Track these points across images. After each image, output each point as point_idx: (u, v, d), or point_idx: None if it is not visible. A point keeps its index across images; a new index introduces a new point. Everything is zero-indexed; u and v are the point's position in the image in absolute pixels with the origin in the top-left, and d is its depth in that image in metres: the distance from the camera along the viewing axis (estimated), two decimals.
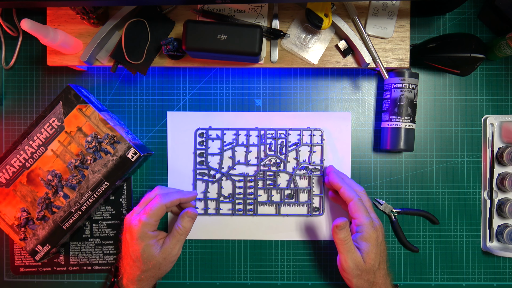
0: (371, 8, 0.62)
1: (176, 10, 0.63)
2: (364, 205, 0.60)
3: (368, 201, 0.63)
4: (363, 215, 0.59)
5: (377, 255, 0.58)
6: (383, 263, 0.60)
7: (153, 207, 0.60)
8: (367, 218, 0.59)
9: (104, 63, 0.63)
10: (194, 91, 0.70)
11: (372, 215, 0.61)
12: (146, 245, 0.59)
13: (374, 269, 0.58)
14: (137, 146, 0.65)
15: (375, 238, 0.58)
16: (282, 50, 0.63)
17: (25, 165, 0.64)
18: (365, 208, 0.60)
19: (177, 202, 0.63)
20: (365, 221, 0.59)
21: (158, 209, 0.60)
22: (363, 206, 0.60)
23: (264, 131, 0.69)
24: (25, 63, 0.71)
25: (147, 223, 0.59)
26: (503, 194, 0.69)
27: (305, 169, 0.69)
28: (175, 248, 0.61)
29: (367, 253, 0.58)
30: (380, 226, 0.61)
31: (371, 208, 0.63)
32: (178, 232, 0.62)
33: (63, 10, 0.63)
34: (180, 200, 0.63)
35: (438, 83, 0.70)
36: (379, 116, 0.70)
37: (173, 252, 0.61)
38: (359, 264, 0.58)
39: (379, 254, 0.59)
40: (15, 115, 0.71)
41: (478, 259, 0.69)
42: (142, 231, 0.59)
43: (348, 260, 0.58)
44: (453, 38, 0.64)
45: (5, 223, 0.64)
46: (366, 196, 0.63)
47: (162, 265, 0.61)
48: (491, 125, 0.68)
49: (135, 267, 0.60)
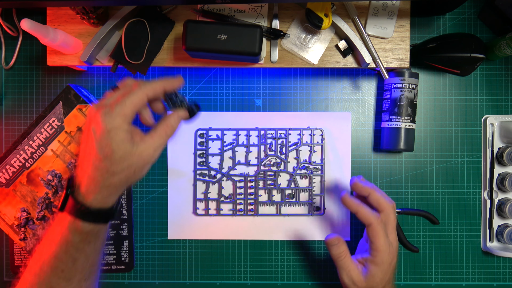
0: (371, 8, 0.62)
1: (176, 10, 0.63)
2: (383, 229, 0.55)
3: (394, 220, 0.57)
4: (380, 242, 0.54)
5: (383, 278, 0.55)
6: (389, 284, 0.56)
7: (131, 94, 0.47)
8: (384, 245, 0.54)
9: (104, 63, 0.63)
10: (194, 91, 0.70)
11: (391, 236, 0.56)
12: (121, 140, 0.46)
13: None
14: None
15: (388, 263, 0.54)
16: (282, 50, 0.63)
17: (25, 165, 0.64)
18: (384, 233, 0.54)
19: (161, 90, 0.50)
20: (381, 248, 0.54)
21: (138, 97, 0.47)
22: (381, 230, 0.54)
23: (264, 131, 0.69)
24: (25, 63, 0.71)
25: (123, 112, 0.46)
26: (503, 194, 0.69)
27: (306, 169, 0.69)
28: (154, 148, 0.49)
29: (372, 275, 0.54)
30: (396, 249, 0.56)
31: (393, 228, 0.57)
32: (165, 131, 0.50)
33: (63, 10, 0.63)
34: (164, 87, 0.51)
35: (438, 83, 0.70)
36: (379, 116, 0.70)
37: (155, 154, 0.49)
38: (357, 282, 0.55)
39: (387, 277, 0.55)
40: (15, 115, 0.71)
41: (478, 259, 0.69)
42: (115, 122, 0.46)
43: (343, 276, 0.56)
44: (453, 38, 0.64)
45: (5, 223, 0.64)
46: (392, 215, 0.57)
47: (138, 168, 0.48)
48: (491, 125, 0.68)
49: (102, 168, 0.47)
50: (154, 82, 0.50)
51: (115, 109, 0.46)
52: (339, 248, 0.56)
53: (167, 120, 0.51)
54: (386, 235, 0.55)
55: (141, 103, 0.48)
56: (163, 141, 0.50)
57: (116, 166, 0.47)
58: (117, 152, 0.46)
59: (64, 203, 0.49)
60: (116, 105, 0.47)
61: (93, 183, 0.48)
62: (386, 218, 0.56)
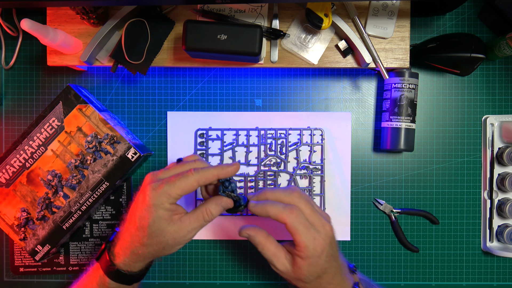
0: (371, 8, 0.62)
1: (176, 10, 0.63)
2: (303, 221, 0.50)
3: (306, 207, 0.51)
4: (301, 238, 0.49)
5: (313, 271, 0.50)
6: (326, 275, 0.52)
7: (183, 178, 0.49)
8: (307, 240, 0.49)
9: (104, 63, 0.63)
10: (194, 91, 0.70)
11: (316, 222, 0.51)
12: (158, 217, 0.48)
13: (308, 281, 0.51)
14: (137, 146, 0.65)
15: (316, 256, 0.50)
16: (282, 50, 0.63)
17: (25, 165, 0.64)
18: (303, 226, 0.49)
19: (214, 178, 0.51)
20: (304, 243, 0.49)
21: (187, 184, 0.49)
22: (300, 224, 0.49)
23: (264, 131, 0.69)
24: (25, 63, 0.71)
25: (169, 193, 0.48)
26: (503, 194, 0.69)
27: (306, 169, 0.69)
28: (189, 230, 0.50)
29: (299, 268, 0.50)
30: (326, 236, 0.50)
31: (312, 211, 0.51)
32: (203, 216, 0.51)
33: (63, 10, 0.63)
34: (218, 176, 0.51)
35: (438, 83, 0.70)
36: (379, 116, 0.70)
37: (188, 236, 0.50)
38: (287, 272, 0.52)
39: (318, 268, 0.50)
40: (15, 115, 0.71)
41: (478, 259, 0.69)
42: (159, 199, 0.48)
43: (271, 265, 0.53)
44: (453, 38, 0.64)
45: (5, 223, 0.64)
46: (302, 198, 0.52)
47: (168, 245, 0.50)
48: (491, 125, 0.68)
49: (136, 236, 0.50)
50: (209, 170, 0.50)
51: (163, 187, 0.48)
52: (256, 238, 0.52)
53: (209, 205, 0.51)
54: (309, 226, 0.50)
55: (191, 189, 0.49)
56: (198, 225, 0.51)
57: (148, 239, 0.49)
58: (152, 227, 0.49)
59: (100, 254, 0.54)
60: (166, 183, 0.49)
61: (124, 246, 0.51)
62: (298, 205, 0.51)
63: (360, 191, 0.70)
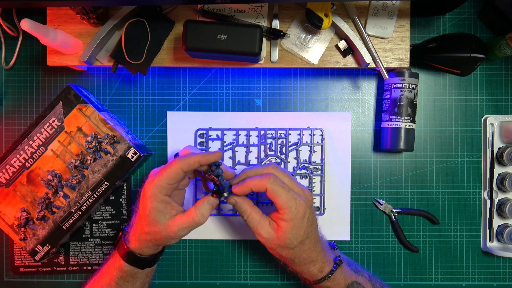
0: (371, 8, 0.62)
1: (176, 10, 0.63)
2: (282, 185, 0.53)
3: (284, 176, 0.55)
4: (283, 199, 0.52)
5: (297, 234, 0.53)
6: (309, 240, 0.54)
7: (168, 168, 0.53)
8: (288, 201, 0.52)
9: (104, 63, 0.63)
10: (194, 91, 0.70)
11: (295, 188, 0.54)
12: (153, 208, 0.53)
13: (292, 246, 0.53)
14: (137, 146, 0.65)
15: (299, 217, 0.52)
16: (282, 50, 0.63)
17: (25, 165, 0.64)
18: (283, 189, 0.52)
19: (196, 165, 0.53)
20: (285, 205, 0.52)
21: (173, 172, 0.52)
22: (280, 187, 0.52)
23: (264, 131, 0.69)
24: (25, 63, 0.71)
25: (159, 185, 0.53)
26: (503, 194, 0.69)
27: (306, 169, 0.69)
28: (179, 228, 0.54)
29: (283, 232, 0.53)
30: (306, 199, 0.54)
31: (290, 180, 0.55)
32: (194, 219, 0.54)
33: (63, 10, 0.63)
34: (199, 162, 0.53)
35: (438, 83, 0.70)
36: (379, 116, 0.70)
37: (179, 233, 0.54)
38: (271, 239, 0.54)
39: (301, 231, 0.53)
40: (15, 115, 0.71)
41: (478, 259, 0.69)
42: (152, 191, 0.53)
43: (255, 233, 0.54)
44: (453, 38, 0.64)
45: (5, 223, 0.64)
46: (279, 169, 0.55)
47: (161, 237, 0.55)
48: (491, 125, 0.68)
49: (139, 224, 0.56)
50: (191, 157, 0.53)
51: (155, 180, 0.53)
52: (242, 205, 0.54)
53: (200, 208, 0.54)
54: (288, 189, 0.53)
55: (177, 176, 0.53)
56: (189, 225, 0.54)
57: (148, 227, 0.54)
58: (149, 216, 0.54)
59: (118, 241, 0.60)
60: (156, 176, 0.53)
61: (133, 232, 0.57)
62: (277, 174, 0.55)
63: (360, 191, 0.70)
